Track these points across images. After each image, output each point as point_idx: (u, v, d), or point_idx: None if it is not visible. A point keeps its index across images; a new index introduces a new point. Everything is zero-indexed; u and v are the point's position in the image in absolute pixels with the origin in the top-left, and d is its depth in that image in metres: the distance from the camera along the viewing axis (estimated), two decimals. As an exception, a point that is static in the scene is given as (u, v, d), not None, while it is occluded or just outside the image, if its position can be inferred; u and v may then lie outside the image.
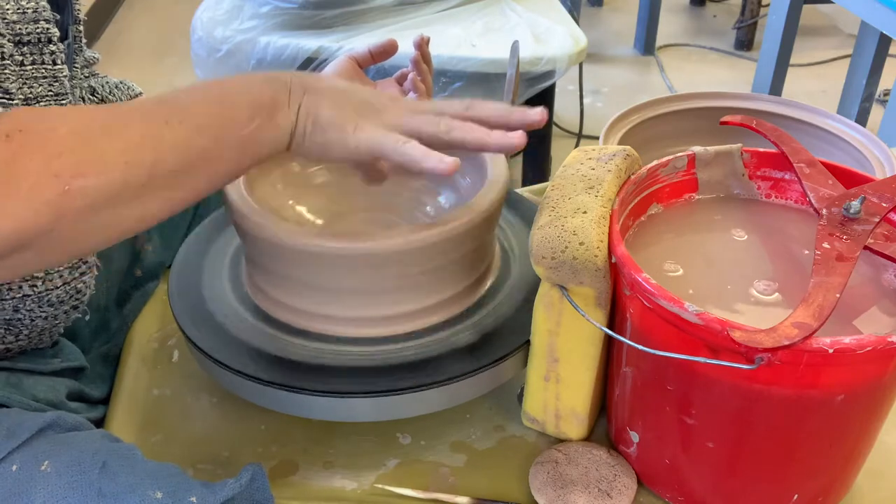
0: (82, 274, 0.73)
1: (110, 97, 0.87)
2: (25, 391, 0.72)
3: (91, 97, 0.85)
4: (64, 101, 0.69)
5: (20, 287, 0.68)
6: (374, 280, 0.68)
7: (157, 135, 0.54)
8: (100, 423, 0.77)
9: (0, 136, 0.49)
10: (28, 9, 0.65)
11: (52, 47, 0.67)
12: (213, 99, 0.58)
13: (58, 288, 0.71)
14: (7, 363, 0.72)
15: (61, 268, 0.70)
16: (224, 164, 0.58)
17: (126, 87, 0.90)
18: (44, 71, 0.67)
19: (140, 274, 0.92)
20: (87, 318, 0.80)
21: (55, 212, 0.50)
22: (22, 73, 0.66)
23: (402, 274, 0.68)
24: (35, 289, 0.69)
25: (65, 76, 0.69)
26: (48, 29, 0.66)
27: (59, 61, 0.68)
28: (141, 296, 0.91)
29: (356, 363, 0.68)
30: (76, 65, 0.79)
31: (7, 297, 0.68)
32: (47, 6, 0.66)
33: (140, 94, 0.91)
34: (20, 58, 0.65)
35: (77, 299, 0.73)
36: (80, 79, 0.83)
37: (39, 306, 0.70)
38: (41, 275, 0.69)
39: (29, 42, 0.65)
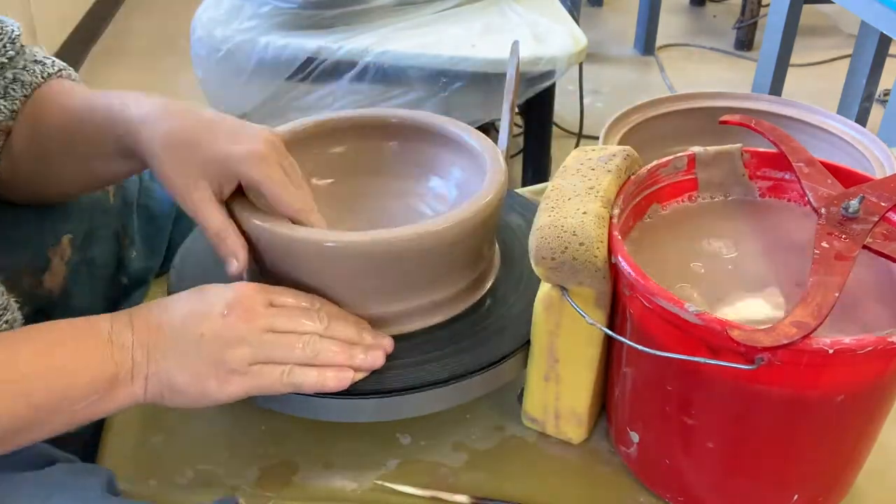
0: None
1: None
2: None
3: None
4: None
5: None
6: (374, 278, 0.68)
7: None
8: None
9: None
10: None
11: None
12: (55, 370, 0.58)
13: None
14: None
15: None
16: (48, 432, 0.59)
17: (21, 83, 0.74)
18: None
19: (126, 282, 0.89)
20: None
21: None
22: None
23: (403, 272, 0.68)
24: None
25: None
26: None
27: None
28: (128, 304, 0.88)
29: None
30: None
31: None
32: None
33: (52, 74, 0.76)
34: None
35: None
36: None
37: None
38: None
39: None
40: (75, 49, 2.87)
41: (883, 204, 0.62)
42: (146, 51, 3.06)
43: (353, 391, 0.66)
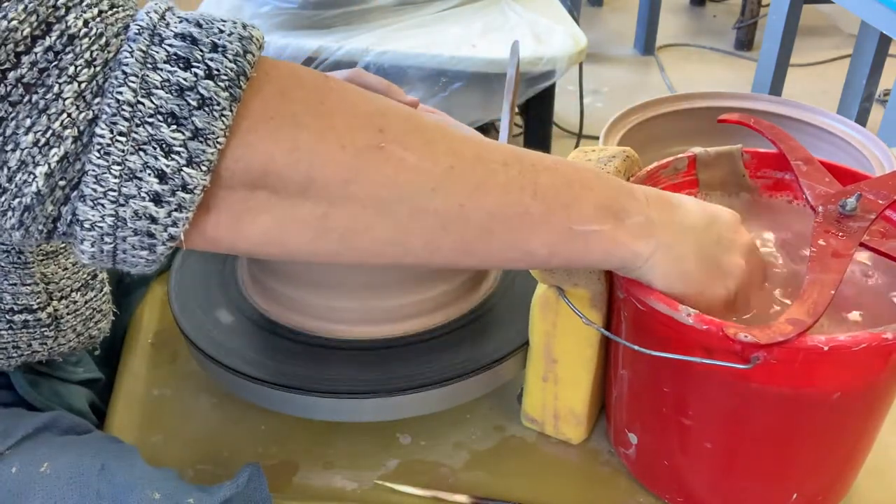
0: (97, 322, 0.72)
1: None
2: (63, 400, 0.72)
3: None
4: None
5: (29, 345, 0.66)
6: (374, 275, 0.68)
7: (488, 172, 0.48)
8: None
9: (309, 68, 0.46)
10: None
11: None
12: (562, 177, 0.51)
13: (70, 341, 0.69)
14: (46, 369, 0.72)
15: (74, 321, 0.69)
16: (528, 241, 0.51)
17: None
18: None
19: (128, 281, 0.90)
20: (97, 353, 0.80)
21: (359, 163, 0.44)
22: None
23: (403, 271, 0.68)
24: (45, 345, 0.67)
25: None
26: None
27: None
28: (128, 304, 0.89)
29: (356, 363, 0.69)
30: None
31: (14, 355, 0.66)
32: None
33: None
34: None
35: (91, 345, 0.73)
36: None
37: (51, 356, 0.69)
38: (52, 333, 0.67)
39: None
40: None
41: (880, 202, 0.62)
42: (147, 52, 3.06)
43: (353, 391, 0.66)
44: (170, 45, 0.40)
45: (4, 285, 0.62)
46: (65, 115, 0.39)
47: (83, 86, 0.39)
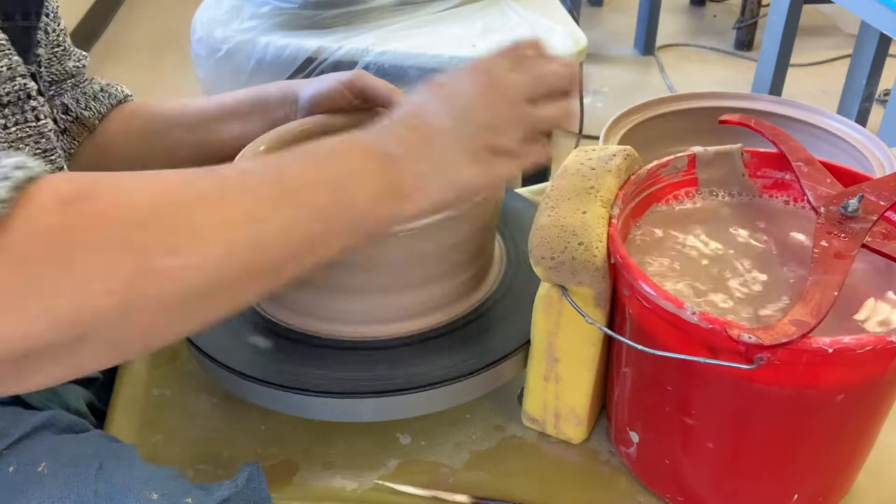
0: None
1: (86, 111, 0.82)
2: (61, 399, 0.72)
3: (63, 116, 0.81)
4: (52, 157, 0.64)
5: None
6: (374, 277, 0.68)
7: (262, 216, 0.47)
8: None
9: (52, 202, 0.41)
10: (2, 67, 0.58)
11: (33, 103, 0.61)
12: (326, 180, 0.50)
13: None
14: None
15: None
16: (333, 248, 0.52)
17: (108, 94, 0.85)
18: (28, 130, 0.62)
19: None
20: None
21: (130, 296, 0.41)
22: (7, 136, 0.60)
23: (402, 271, 0.68)
24: None
25: (50, 130, 0.64)
26: (25, 84, 0.61)
27: (41, 116, 0.62)
28: None
29: (356, 363, 0.68)
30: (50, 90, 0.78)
31: None
32: (20, 60, 0.60)
33: (128, 95, 0.86)
34: (2, 120, 0.60)
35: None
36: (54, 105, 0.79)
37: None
38: None
39: (9, 103, 0.60)
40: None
41: (882, 203, 0.62)
42: (147, 50, 3.07)
43: (352, 391, 0.66)
44: None
45: None
46: None
47: None
